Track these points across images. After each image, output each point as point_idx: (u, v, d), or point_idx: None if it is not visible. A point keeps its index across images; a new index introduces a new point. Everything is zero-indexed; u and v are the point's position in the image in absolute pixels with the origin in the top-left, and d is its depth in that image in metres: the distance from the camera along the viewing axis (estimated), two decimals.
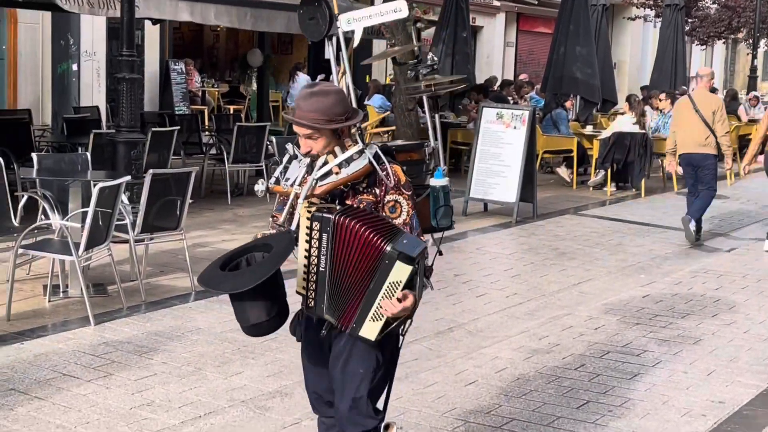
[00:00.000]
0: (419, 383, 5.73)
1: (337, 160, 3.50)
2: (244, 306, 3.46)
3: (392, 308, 3.37)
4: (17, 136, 11.59)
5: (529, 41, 30.56)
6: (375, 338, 3.44)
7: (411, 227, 3.55)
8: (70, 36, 16.49)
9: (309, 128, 3.50)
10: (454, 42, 16.78)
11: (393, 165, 3.57)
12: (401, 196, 3.55)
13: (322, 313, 3.49)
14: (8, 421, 4.88)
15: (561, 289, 8.25)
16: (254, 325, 3.48)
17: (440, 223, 3.89)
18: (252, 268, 3.42)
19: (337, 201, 3.54)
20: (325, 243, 3.39)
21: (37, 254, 7.04)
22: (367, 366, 3.55)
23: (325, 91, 3.55)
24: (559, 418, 5.23)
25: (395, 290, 3.36)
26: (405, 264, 3.33)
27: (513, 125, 11.82)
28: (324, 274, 3.43)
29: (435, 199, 3.84)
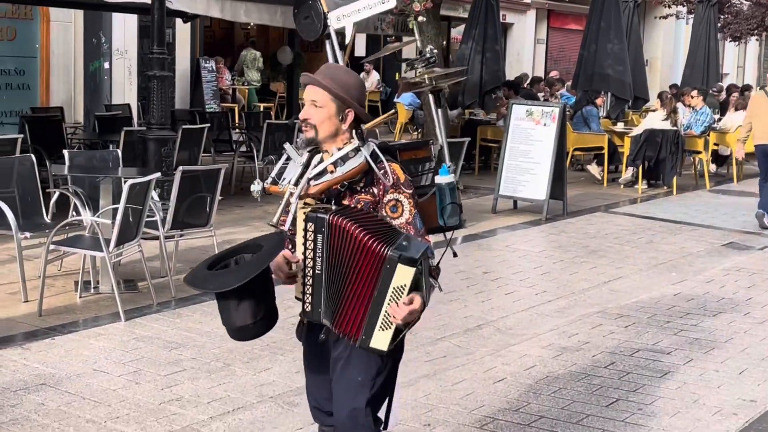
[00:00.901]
0: (447, 380, 5.71)
1: (331, 159, 3.37)
2: (229, 307, 3.32)
3: (400, 313, 3.21)
4: (50, 133, 11.69)
5: (560, 38, 30.40)
6: (387, 348, 3.28)
7: (414, 227, 3.41)
8: (101, 34, 16.61)
9: (321, 88, 3.37)
10: (484, 39, 16.71)
11: (392, 163, 3.42)
12: (402, 194, 3.40)
13: (319, 317, 3.35)
14: (39, 416, 4.92)
15: (591, 287, 8.20)
16: (240, 328, 3.35)
17: (448, 222, 3.69)
18: (238, 267, 3.32)
19: (333, 201, 3.41)
20: (321, 244, 3.28)
21: (68, 250, 7.10)
22: (366, 373, 3.39)
23: (350, 71, 3.51)
24: (588, 416, 5.20)
25: (401, 295, 3.22)
26: (408, 266, 3.19)
27: (543, 122, 11.77)
28: (320, 277, 3.31)
29: (441, 197, 3.67)
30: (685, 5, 23.64)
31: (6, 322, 6.53)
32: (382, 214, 3.39)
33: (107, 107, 15.17)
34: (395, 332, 3.28)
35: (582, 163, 16.53)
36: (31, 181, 7.73)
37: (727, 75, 32.70)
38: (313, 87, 3.41)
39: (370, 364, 3.38)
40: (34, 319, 6.60)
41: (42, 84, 15.96)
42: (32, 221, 7.52)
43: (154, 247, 8.02)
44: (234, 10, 11.33)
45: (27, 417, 4.89)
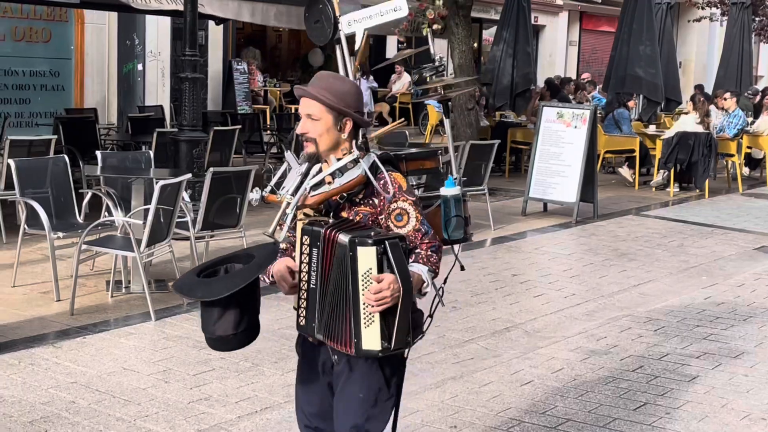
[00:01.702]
0: (474, 383, 5.72)
1: (329, 170, 3.25)
2: (213, 316, 3.25)
3: (371, 297, 3.04)
4: (83, 134, 11.82)
5: (592, 40, 30.28)
6: (380, 347, 3.09)
7: (423, 233, 3.28)
8: (135, 36, 16.77)
9: (317, 100, 3.25)
10: (515, 41, 16.69)
11: (393, 173, 3.31)
12: (406, 202, 3.27)
13: (314, 332, 3.25)
14: (70, 413, 4.99)
15: (620, 291, 8.17)
16: (220, 337, 3.26)
17: (452, 236, 3.57)
18: (227, 276, 3.25)
19: (332, 213, 3.30)
20: (315, 258, 3.19)
21: (100, 250, 7.18)
22: (368, 390, 3.27)
23: (344, 79, 3.38)
24: (615, 420, 5.19)
25: (370, 282, 3.06)
26: (366, 247, 3.05)
27: (574, 124, 11.73)
28: (315, 291, 3.22)
29: (446, 209, 3.56)
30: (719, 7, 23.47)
31: (39, 320, 6.62)
32: (387, 224, 3.28)
33: (140, 108, 15.31)
34: (383, 327, 3.09)
35: (613, 166, 16.46)
36: (64, 181, 7.83)
37: (761, 77, 32.37)
38: (307, 100, 3.30)
39: (372, 381, 3.27)
40: (66, 318, 6.68)
41: (76, 85, 16.15)
42: (65, 221, 7.62)
43: (184, 247, 8.09)
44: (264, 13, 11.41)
45: (58, 415, 4.96)
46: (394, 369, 3.33)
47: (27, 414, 4.96)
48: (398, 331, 3.09)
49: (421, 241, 3.27)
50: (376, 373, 3.26)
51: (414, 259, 3.25)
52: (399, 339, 3.10)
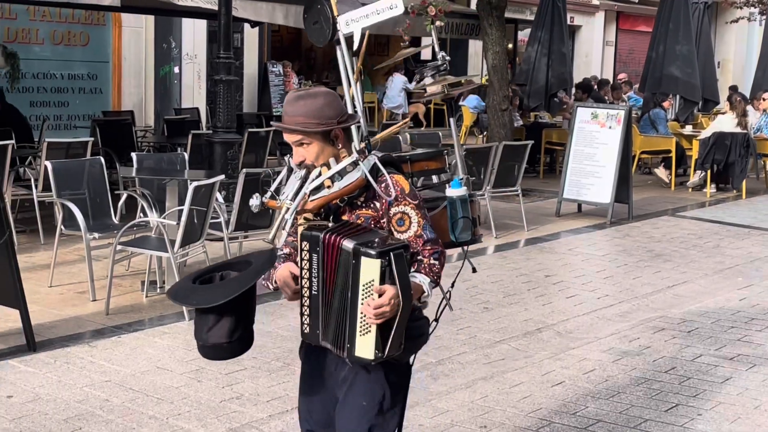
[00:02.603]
0: (505, 383, 5.72)
1: (328, 173, 3.17)
2: (207, 323, 3.16)
3: (369, 310, 2.98)
4: (120, 137, 11.96)
5: (629, 40, 30.08)
6: (373, 356, 3.04)
7: (423, 239, 3.20)
8: (172, 39, 16.93)
9: (297, 133, 3.18)
10: (550, 41, 16.62)
11: (394, 175, 3.23)
12: (408, 206, 3.19)
13: (318, 339, 3.18)
14: (104, 412, 5.06)
15: (654, 292, 8.12)
16: (213, 345, 3.18)
17: (459, 238, 3.49)
18: (223, 283, 3.18)
19: (332, 217, 3.22)
20: (316, 264, 3.10)
21: (135, 251, 7.27)
22: (371, 398, 3.20)
23: (313, 93, 3.23)
24: (646, 421, 5.17)
25: (371, 293, 3.00)
26: (370, 259, 2.97)
27: (608, 125, 11.68)
28: (317, 298, 3.13)
29: (452, 211, 3.47)
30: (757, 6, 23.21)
31: (74, 320, 6.71)
32: (388, 228, 3.21)
33: (176, 111, 15.45)
34: (380, 336, 3.03)
35: (649, 167, 16.34)
36: (100, 183, 7.93)
37: None
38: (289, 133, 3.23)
39: (375, 388, 3.20)
40: (102, 318, 6.77)
41: (114, 88, 16.32)
42: (101, 222, 7.72)
43: (218, 248, 8.16)
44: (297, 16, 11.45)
45: (92, 413, 5.03)
46: (400, 377, 3.28)
47: (62, 412, 5.03)
48: (392, 341, 3.04)
49: (423, 247, 3.20)
50: (381, 381, 3.20)
51: (416, 267, 3.20)
52: (392, 347, 3.06)
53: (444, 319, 7.00)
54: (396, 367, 3.23)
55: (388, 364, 3.17)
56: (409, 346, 3.17)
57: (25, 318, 5.96)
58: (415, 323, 3.21)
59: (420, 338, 3.27)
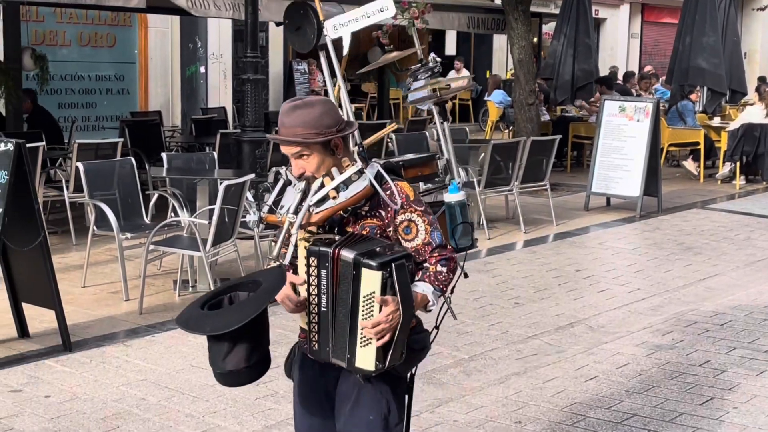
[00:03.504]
0: (538, 378, 5.72)
1: (333, 183, 3.06)
2: (222, 350, 3.05)
3: (368, 323, 2.93)
4: (149, 137, 12.03)
5: (654, 32, 29.91)
6: (374, 367, 2.99)
7: (433, 246, 3.13)
8: (197, 39, 17.01)
9: (296, 145, 3.08)
10: (576, 35, 16.56)
11: (398, 182, 3.16)
12: (414, 213, 3.12)
13: (328, 357, 3.07)
14: (140, 410, 5.10)
15: (686, 285, 8.08)
16: (231, 372, 3.08)
17: (459, 243, 3.39)
18: (234, 307, 3.06)
19: (336, 229, 3.13)
20: (325, 280, 3.00)
21: (167, 250, 7.32)
22: (378, 412, 3.13)
23: (309, 102, 3.13)
24: (681, 415, 5.15)
25: (372, 304, 2.94)
26: (371, 270, 2.90)
27: (636, 118, 11.63)
28: (326, 314, 3.03)
29: (451, 216, 3.39)
30: None
31: (109, 320, 6.77)
32: (395, 237, 3.13)
33: (203, 110, 15.52)
34: (382, 348, 2.97)
35: (677, 159, 16.25)
36: (131, 183, 7.98)
37: None
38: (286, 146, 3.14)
39: (381, 403, 3.14)
40: (135, 317, 6.82)
41: (141, 89, 16.44)
42: (133, 222, 7.77)
43: (249, 246, 8.20)
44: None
45: (129, 411, 5.08)
46: (404, 389, 3.23)
47: (99, 411, 5.08)
48: (393, 352, 3.00)
49: (431, 254, 3.13)
50: (386, 395, 3.14)
51: (420, 276, 3.13)
52: (393, 358, 3.01)
53: (475, 315, 7.06)
54: (399, 379, 3.19)
55: (392, 377, 3.13)
56: (410, 358, 3.12)
57: (61, 318, 6.02)
58: (416, 336, 3.15)
59: (422, 351, 3.20)
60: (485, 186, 10.11)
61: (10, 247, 5.87)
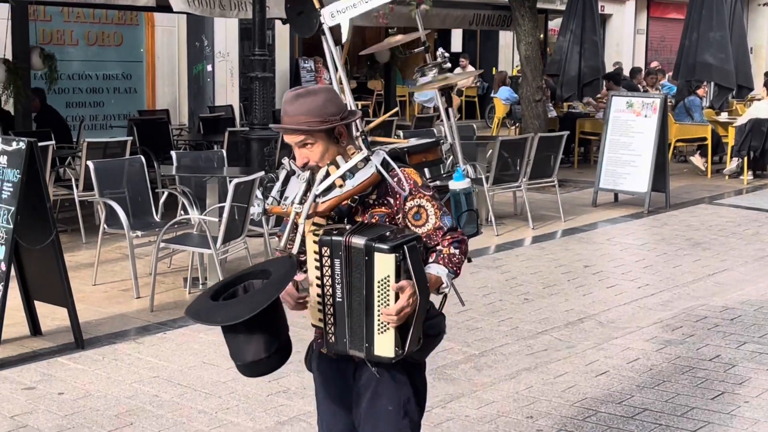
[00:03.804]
0: (549, 373, 5.73)
1: (339, 172, 3.03)
2: (239, 341, 3.01)
3: (389, 310, 2.91)
4: (157, 135, 12.07)
5: (660, 28, 29.86)
6: (394, 354, 2.97)
7: (444, 231, 3.10)
8: (204, 38, 17.04)
9: (300, 133, 3.05)
10: (582, 31, 16.55)
11: (405, 169, 3.14)
12: (423, 198, 3.09)
13: (346, 348, 3.04)
14: (153, 407, 5.13)
15: (695, 280, 8.09)
16: (253, 362, 3.04)
17: (465, 231, 3.32)
18: (247, 297, 3.00)
19: (345, 219, 3.09)
20: (339, 270, 2.95)
21: (177, 248, 7.35)
22: (396, 402, 3.12)
23: (312, 90, 3.10)
24: (693, 409, 5.16)
25: (387, 289, 2.90)
26: (384, 254, 2.87)
27: (644, 114, 11.63)
28: (342, 305, 2.99)
29: (456, 204, 3.37)
30: None
31: (120, 317, 6.80)
32: (404, 223, 3.10)
33: (210, 109, 15.55)
34: (400, 332, 2.95)
35: (685, 155, 16.25)
36: (141, 181, 8.01)
37: None
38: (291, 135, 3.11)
39: (400, 392, 3.13)
40: (146, 315, 6.85)
41: (148, 87, 16.47)
42: (143, 220, 7.80)
43: (258, 244, 8.23)
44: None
45: (142, 408, 5.11)
46: (420, 377, 3.22)
47: (113, 407, 5.11)
48: (411, 337, 2.97)
49: (443, 238, 3.11)
50: (404, 385, 3.13)
51: (434, 258, 3.11)
52: (411, 343, 2.99)
53: (484, 311, 7.08)
54: (416, 367, 3.18)
55: (408, 366, 3.12)
56: (426, 343, 3.10)
57: (73, 316, 6.06)
58: (431, 321, 3.14)
59: (437, 337, 3.19)
60: (493, 182, 10.12)
61: (22, 246, 5.89)
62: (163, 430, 4.85)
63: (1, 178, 5.81)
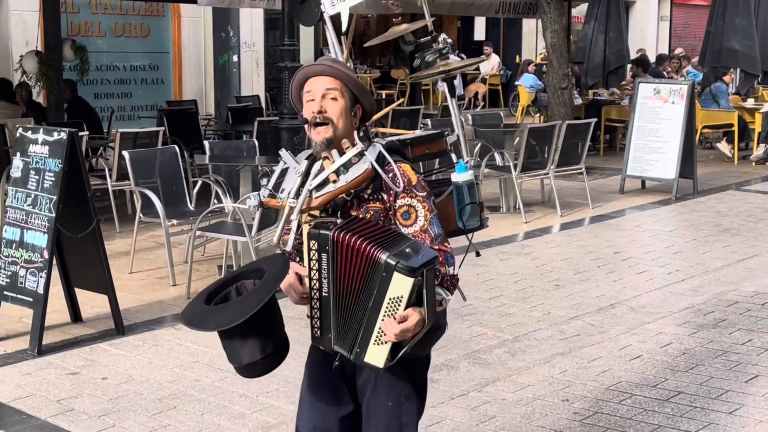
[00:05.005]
0: (583, 358, 5.79)
1: (332, 167, 2.97)
2: (235, 344, 2.97)
3: (391, 330, 2.81)
4: (186, 125, 12.18)
5: (684, 14, 29.73)
6: (383, 364, 2.90)
7: (429, 235, 3.02)
8: (230, 28, 17.14)
9: (339, 79, 3.02)
10: (607, 18, 16.55)
11: (401, 164, 3.05)
12: (414, 198, 3.02)
13: (330, 344, 2.97)
14: (195, 391, 5.23)
15: (725, 266, 8.12)
16: (248, 365, 2.99)
17: (467, 225, 3.32)
18: (239, 300, 2.95)
19: (339, 212, 3.03)
20: (326, 263, 2.89)
21: (213, 236, 7.44)
22: (396, 398, 3.09)
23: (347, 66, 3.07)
24: (727, 392, 5.21)
25: (397, 307, 2.83)
26: (405, 276, 2.79)
27: (671, 100, 11.63)
28: (328, 300, 2.92)
29: (459, 197, 3.30)
30: None
31: (158, 304, 6.92)
32: (394, 221, 3.04)
33: (237, 99, 15.65)
34: (394, 348, 2.88)
35: (711, 141, 16.21)
36: (174, 171, 8.11)
37: None
38: (324, 78, 3.04)
39: (399, 388, 3.09)
40: (183, 302, 6.95)
41: (175, 78, 16.60)
42: (177, 209, 7.91)
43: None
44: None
45: (184, 392, 5.21)
46: (421, 371, 3.18)
47: (155, 392, 5.22)
48: (404, 351, 2.91)
49: (431, 245, 3.00)
50: (403, 379, 3.08)
51: (439, 280, 3.01)
52: (403, 355, 2.93)
53: (516, 297, 7.14)
54: (416, 362, 3.13)
55: (408, 361, 3.03)
56: (427, 339, 3.01)
57: (114, 303, 6.17)
58: None
59: (437, 331, 3.11)
60: (521, 170, 10.17)
61: (63, 234, 6.00)
62: (206, 413, 4.95)
63: (43, 168, 5.92)
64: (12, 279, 6.03)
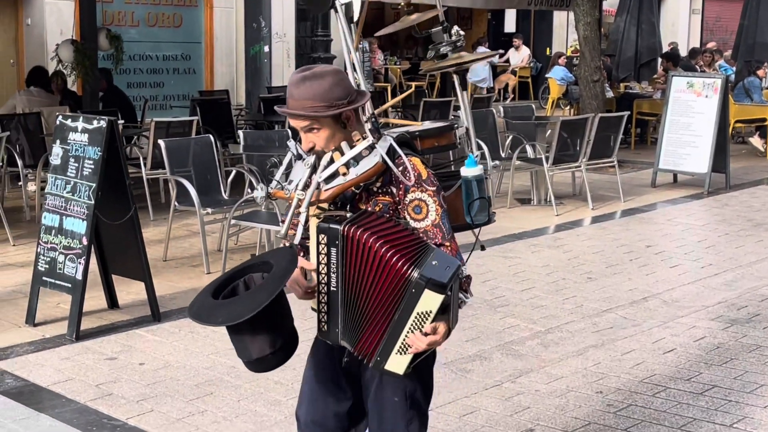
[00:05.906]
0: (616, 350, 5.80)
1: (343, 159, 2.94)
2: (244, 339, 2.96)
3: (419, 344, 2.84)
4: (218, 115, 12.25)
5: (716, 8, 29.47)
6: (404, 372, 2.93)
7: (440, 229, 3.00)
8: (261, 19, 17.15)
9: (306, 118, 2.93)
10: (639, 11, 16.47)
11: (411, 158, 3.01)
12: (425, 193, 2.99)
13: (337, 338, 2.99)
14: (231, 377, 5.29)
15: (758, 260, 8.08)
16: (258, 359, 2.98)
17: (476, 220, 3.29)
18: (247, 294, 2.91)
19: (348, 205, 3.00)
20: (335, 258, 2.88)
21: (247, 225, 7.50)
22: (402, 393, 3.08)
23: (319, 73, 2.96)
24: (762, 386, 5.21)
25: (424, 321, 2.83)
26: (435, 293, 2.79)
27: (705, 94, 11.57)
28: (336, 295, 2.92)
29: (468, 191, 3.27)
30: None
31: (193, 292, 6.96)
32: (404, 215, 3.01)
33: (269, 89, 15.71)
34: (415, 357, 2.91)
35: (743, 136, 16.10)
36: (209, 160, 8.17)
37: None
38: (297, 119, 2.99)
39: (405, 382, 3.06)
40: None
41: (206, 68, 16.68)
42: (212, 198, 7.97)
43: None
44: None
45: (221, 378, 5.27)
46: (427, 366, 3.15)
47: (192, 378, 5.28)
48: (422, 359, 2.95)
49: (442, 243, 3.00)
50: (409, 375, 3.02)
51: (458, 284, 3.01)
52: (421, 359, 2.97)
53: (548, 289, 7.15)
54: (420, 367, 3.07)
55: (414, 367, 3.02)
56: None
57: (150, 290, 6.24)
58: None
59: None
60: (553, 162, 10.16)
61: (101, 221, 6.07)
62: (242, 399, 5.01)
63: (83, 156, 5.99)
64: (51, 265, 6.12)
